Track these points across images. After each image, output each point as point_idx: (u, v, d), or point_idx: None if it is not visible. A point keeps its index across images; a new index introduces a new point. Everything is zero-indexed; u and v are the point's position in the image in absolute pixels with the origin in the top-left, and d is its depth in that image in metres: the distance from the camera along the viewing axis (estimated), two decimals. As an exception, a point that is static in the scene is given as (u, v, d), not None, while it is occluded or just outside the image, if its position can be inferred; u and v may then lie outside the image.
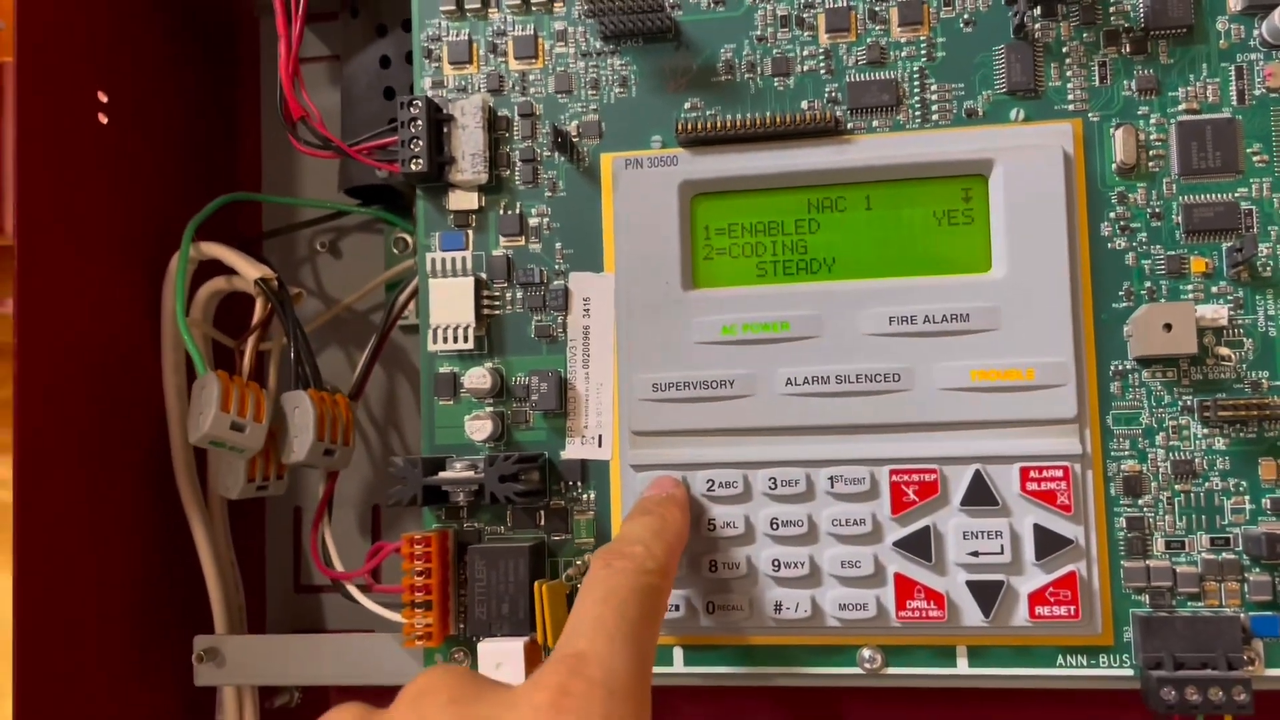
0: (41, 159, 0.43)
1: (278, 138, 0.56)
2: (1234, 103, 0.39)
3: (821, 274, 0.41)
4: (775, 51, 0.41)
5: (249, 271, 0.46)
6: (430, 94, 0.43)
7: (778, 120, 0.40)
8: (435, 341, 0.42)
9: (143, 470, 0.47)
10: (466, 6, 0.43)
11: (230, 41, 0.57)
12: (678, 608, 0.40)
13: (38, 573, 0.41)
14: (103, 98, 0.47)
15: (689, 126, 0.41)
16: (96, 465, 0.45)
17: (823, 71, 0.41)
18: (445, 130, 0.42)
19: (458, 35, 0.43)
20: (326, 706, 0.53)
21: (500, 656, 0.39)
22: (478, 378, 0.42)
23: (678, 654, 0.40)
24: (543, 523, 0.42)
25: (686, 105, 0.42)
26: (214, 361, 0.48)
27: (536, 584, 0.39)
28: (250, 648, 0.45)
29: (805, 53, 0.41)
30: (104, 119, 0.47)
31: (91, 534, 0.44)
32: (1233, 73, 0.39)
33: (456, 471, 0.40)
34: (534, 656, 0.39)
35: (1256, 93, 0.39)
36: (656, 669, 0.40)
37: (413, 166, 0.41)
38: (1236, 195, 0.38)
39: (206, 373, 0.42)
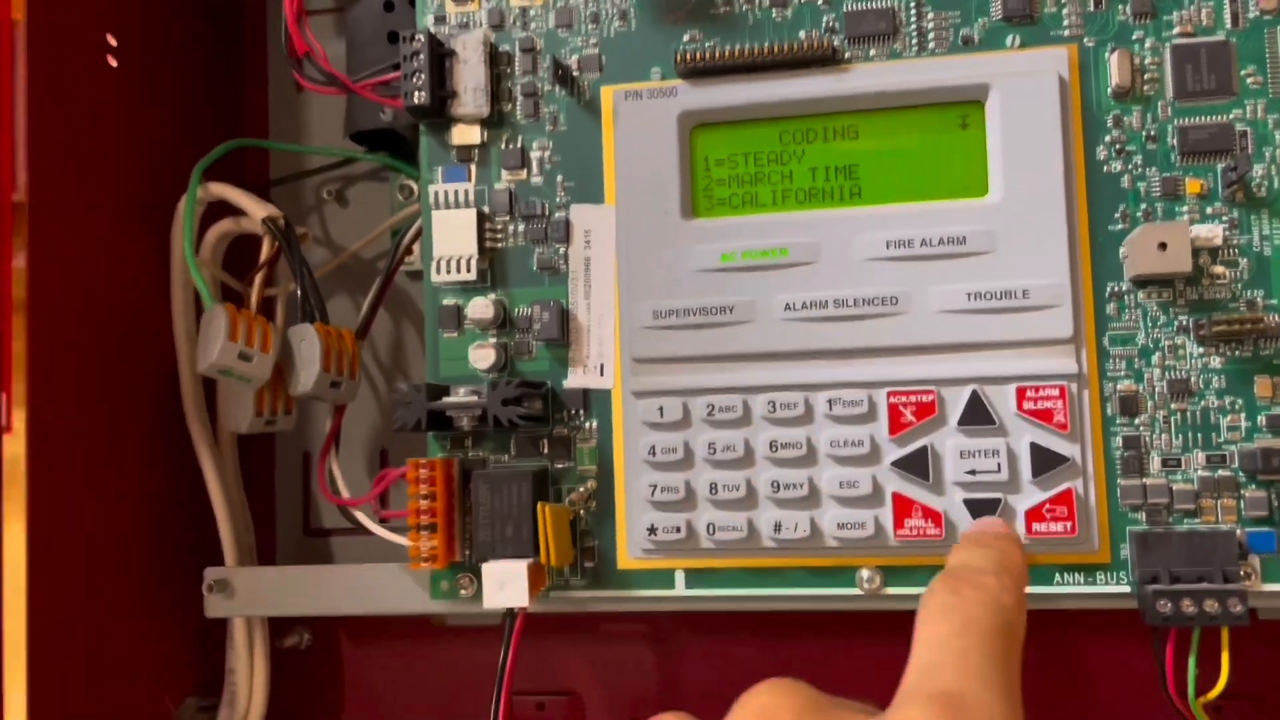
0: (52, 102, 0.43)
1: (285, 85, 0.57)
2: (1228, 25, 0.39)
3: (819, 201, 0.41)
4: (773, -18, 0.42)
5: (256, 211, 0.46)
6: (432, 30, 0.44)
7: (775, 50, 0.41)
8: (439, 273, 0.43)
9: (153, 410, 0.48)
10: (468, -57, 0.44)
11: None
12: (678, 529, 0.40)
13: (52, 511, 0.42)
14: (112, 41, 0.47)
15: (688, 57, 0.41)
16: (108, 407, 0.46)
17: (820, 1, 0.41)
18: (447, 65, 0.43)
19: (459, -28, 0.44)
20: (337, 648, 0.54)
21: (504, 577, 0.39)
22: (481, 308, 0.42)
23: (679, 577, 0.41)
24: (546, 451, 0.42)
25: (685, 37, 0.42)
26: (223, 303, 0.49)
27: (540, 505, 0.40)
28: (260, 579, 0.46)
29: (803, -17, 0.42)
30: (113, 62, 0.47)
31: (104, 474, 0.45)
32: (1227, -5, 0.39)
33: (460, 397, 0.41)
34: (537, 577, 0.40)
35: (1250, 15, 0.39)
36: (658, 592, 0.41)
37: (415, 100, 0.42)
38: (1231, 117, 0.39)
39: (214, 305, 0.43)
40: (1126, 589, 0.38)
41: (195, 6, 0.54)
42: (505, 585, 0.39)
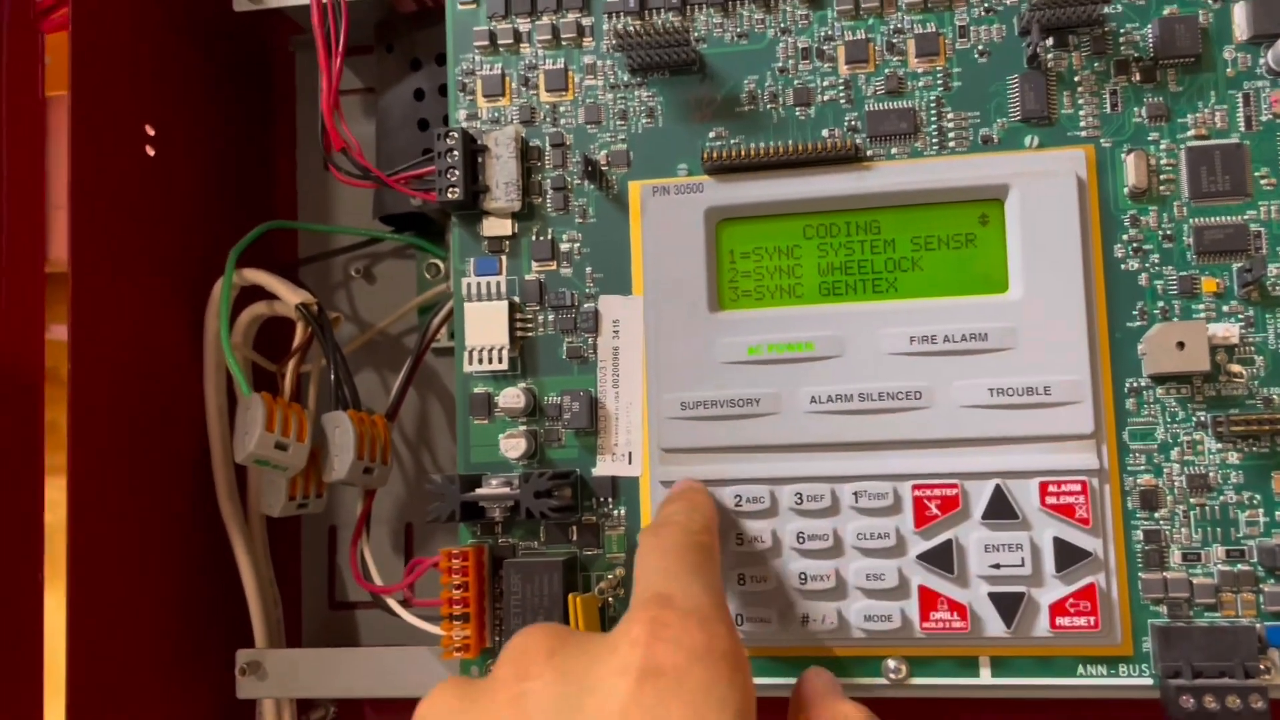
0: (92, 189, 0.45)
1: (313, 168, 0.58)
2: (1241, 129, 0.40)
3: (844, 296, 0.42)
4: (796, 82, 0.43)
5: (290, 297, 0.47)
6: (465, 125, 0.45)
7: (800, 148, 0.42)
8: (471, 363, 0.44)
9: (186, 489, 0.49)
10: (499, 42, 0.45)
11: (267, 76, 0.59)
12: (707, 620, 0.41)
13: (89, 588, 0.43)
14: (150, 131, 0.49)
15: (714, 155, 0.42)
16: (143, 485, 0.46)
17: (843, 101, 0.43)
18: (480, 160, 0.44)
19: (491, 69, 0.45)
20: (362, 720, 0.54)
21: (536, 667, 0.40)
22: (512, 397, 0.43)
23: (707, 665, 0.42)
24: (575, 538, 0.43)
25: (711, 134, 0.43)
26: (254, 384, 0.50)
27: (571, 596, 0.40)
28: (291, 661, 0.47)
29: (825, 83, 0.43)
30: (151, 151, 0.49)
31: (139, 551, 0.46)
32: (1240, 100, 0.40)
33: (493, 488, 0.42)
34: (568, 667, 0.40)
35: (1263, 119, 0.40)
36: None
37: (450, 195, 0.43)
38: (1245, 218, 0.40)
39: (250, 394, 0.44)
40: (1149, 681, 0.39)
41: (228, 91, 0.55)
42: (537, 676, 0.40)
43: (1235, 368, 0.39)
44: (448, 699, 0.30)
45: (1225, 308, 0.40)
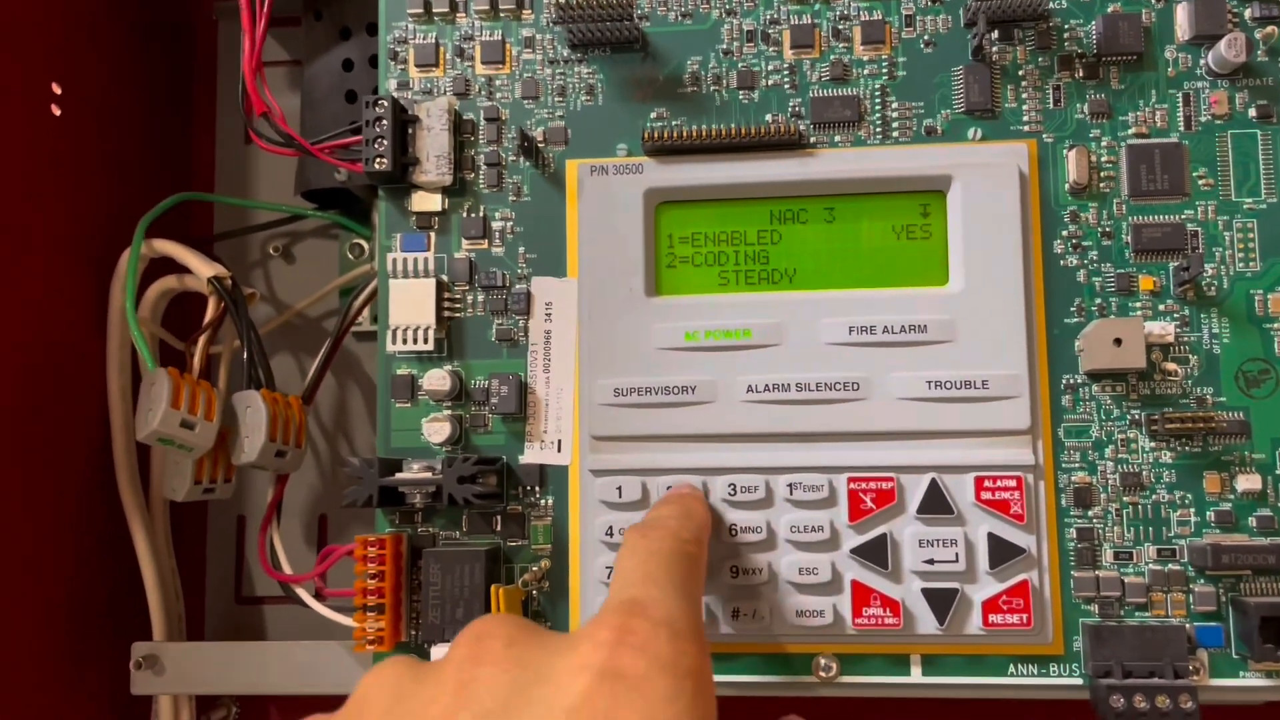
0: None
1: (233, 141, 0.55)
2: (1181, 128, 0.40)
3: (783, 284, 0.41)
4: (741, 65, 0.42)
5: (202, 270, 0.45)
6: (395, 95, 0.43)
7: (742, 132, 0.41)
8: (394, 342, 0.42)
9: (85, 472, 0.46)
10: (434, 10, 0.43)
11: (190, 43, 0.56)
12: (635, 614, 0.39)
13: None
14: (56, 89, 0.46)
15: (655, 135, 0.41)
16: (38, 467, 0.43)
17: (787, 86, 0.42)
18: (410, 131, 0.42)
19: (424, 38, 0.43)
20: (266, 720, 0.52)
21: (454, 661, 0.38)
22: (437, 380, 0.41)
23: (633, 662, 0.40)
24: (499, 528, 0.41)
25: (652, 115, 0.42)
26: (162, 362, 0.47)
27: (493, 587, 0.38)
28: (191, 655, 0.44)
29: (770, 67, 0.42)
30: (57, 110, 0.46)
31: (31, 537, 0.43)
32: (1180, 99, 0.40)
33: (414, 473, 0.40)
34: (488, 662, 0.39)
35: (1202, 119, 0.40)
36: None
37: (377, 165, 0.41)
38: (1183, 217, 0.40)
39: (156, 369, 0.41)
40: (1079, 681, 0.38)
41: (146, 56, 0.52)
42: (455, 670, 0.38)
43: (1170, 366, 0.39)
44: (394, 675, 0.28)
45: (1161, 306, 0.40)
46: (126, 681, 0.44)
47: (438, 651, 0.38)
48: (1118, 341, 0.38)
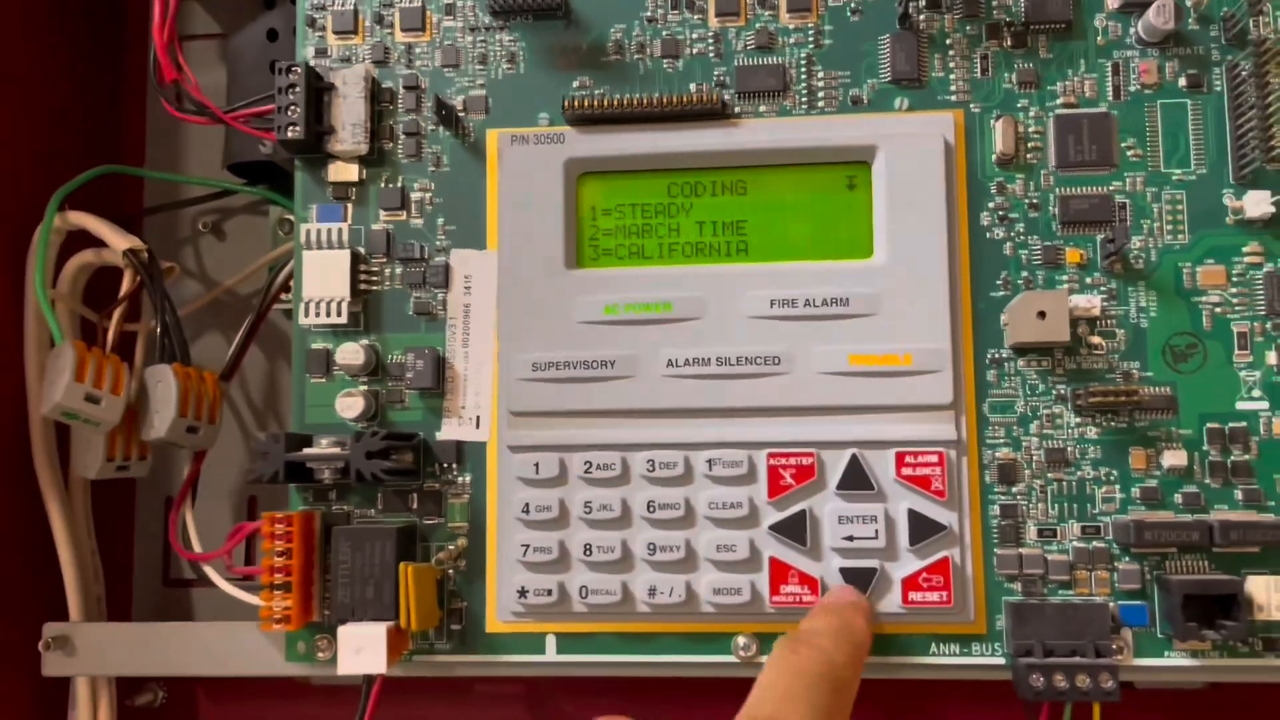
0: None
1: (164, 114, 0.54)
2: (1110, 98, 0.39)
3: (705, 256, 0.40)
4: (665, 33, 0.41)
5: (117, 242, 0.44)
6: (313, 62, 0.42)
7: (666, 101, 0.40)
8: (308, 315, 0.41)
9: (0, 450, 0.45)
10: (353, -24, 0.42)
11: (120, 12, 0.55)
12: (550, 592, 0.38)
13: None
14: (-32, 57, 0.44)
15: (577, 104, 0.40)
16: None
17: (712, 55, 0.41)
18: (326, 99, 0.41)
19: (343, 4, 0.42)
20: (194, 706, 0.51)
21: (361, 641, 0.37)
22: (351, 353, 0.40)
23: (550, 641, 0.39)
24: (415, 506, 0.40)
25: (575, 83, 0.41)
26: (85, 339, 0.46)
27: (402, 565, 0.37)
28: (104, 635, 0.43)
29: (695, 35, 0.41)
30: (-31, 79, 0.44)
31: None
32: (1109, 69, 0.39)
33: (322, 448, 0.39)
34: (398, 641, 0.38)
35: (1131, 88, 0.39)
36: (527, 657, 0.39)
37: (289, 133, 0.40)
38: (1111, 188, 0.39)
39: (63, 342, 0.40)
40: (1001, 660, 0.38)
41: (73, 23, 0.51)
42: (361, 650, 0.37)
43: (1095, 340, 0.38)
44: None
45: (1089, 279, 0.39)
46: (39, 663, 0.43)
47: (345, 630, 0.37)
48: (1042, 315, 0.37)
